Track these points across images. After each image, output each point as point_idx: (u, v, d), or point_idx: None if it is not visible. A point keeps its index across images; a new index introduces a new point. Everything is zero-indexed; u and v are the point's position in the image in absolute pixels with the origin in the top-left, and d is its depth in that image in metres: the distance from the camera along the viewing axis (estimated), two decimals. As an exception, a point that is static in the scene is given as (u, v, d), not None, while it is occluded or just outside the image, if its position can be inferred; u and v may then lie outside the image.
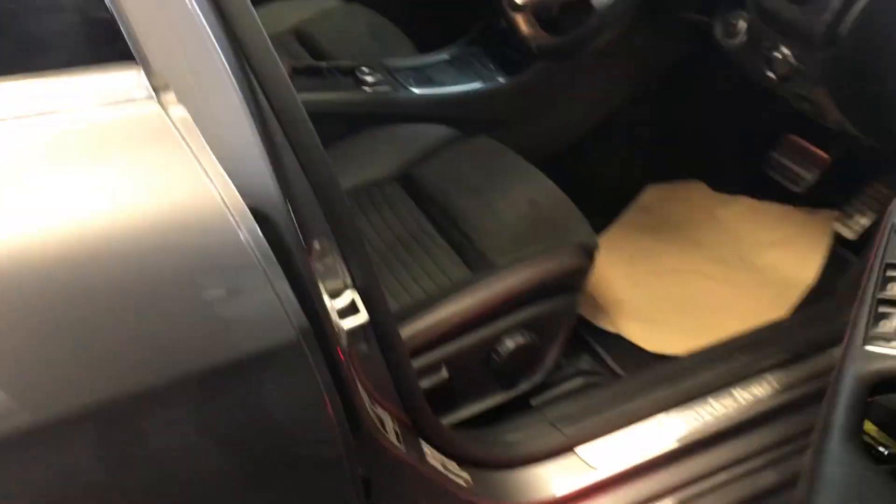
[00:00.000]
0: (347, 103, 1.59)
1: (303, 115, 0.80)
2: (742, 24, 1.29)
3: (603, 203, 1.86)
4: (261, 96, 0.76)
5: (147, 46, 0.68)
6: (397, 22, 2.03)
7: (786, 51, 1.22)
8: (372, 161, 1.55)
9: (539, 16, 1.37)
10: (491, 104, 1.72)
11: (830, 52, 1.15)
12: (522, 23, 1.33)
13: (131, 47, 0.68)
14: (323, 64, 1.67)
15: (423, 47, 1.95)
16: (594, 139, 1.83)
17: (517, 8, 1.32)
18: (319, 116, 1.53)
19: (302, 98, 1.45)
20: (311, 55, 1.88)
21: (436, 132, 1.59)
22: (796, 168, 1.67)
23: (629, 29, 1.52)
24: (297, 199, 0.80)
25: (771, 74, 1.26)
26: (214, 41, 0.72)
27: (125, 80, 0.67)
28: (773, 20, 1.21)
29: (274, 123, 0.78)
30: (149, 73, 0.67)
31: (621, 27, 1.21)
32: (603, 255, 1.44)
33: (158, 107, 0.67)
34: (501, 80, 1.73)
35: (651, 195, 1.87)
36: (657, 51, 1.67)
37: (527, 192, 1.44)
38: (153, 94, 0.67)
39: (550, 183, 1.46)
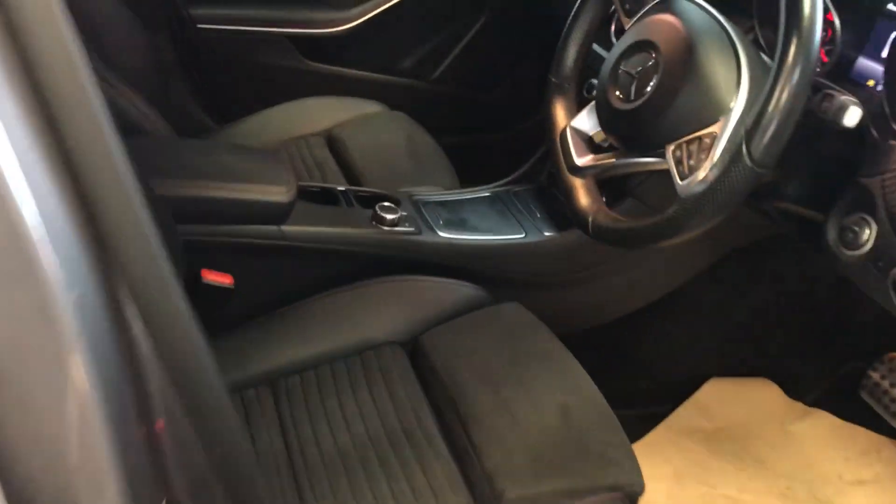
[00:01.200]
0: (361, 243, 1.31)
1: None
2: (868, 234, 0.99)
3: (651, 393, 1.54)
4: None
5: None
6: (443, 140, 1.80)
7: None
8: (377, 318, 1.26)
9: (602, 185, 1.08)
10: (532, 262, 1.43)
11: None
12: (580, 190, 1.04)
13: None
14: (339, 188, 1.41)
15: (465, 173, 1.70)
16: (649, 313, 1.52)
17: (575, 170, 1.03)
18: (321, 256, 1.29)
19: (301, 231, 1.19)
20: (338, 163, 1.65)
21: (459, 292, 1.29)
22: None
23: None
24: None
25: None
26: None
27: None
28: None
29: None
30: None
31: (714, 221, 0.91)
32: (644, 465, 1.11)
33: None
34: (548, 233, 1.44)
35: (711, 391, 1.54)
36: (744, 228, 1.38)
37: (559, 395, 1.12)
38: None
39: (591, 384, 1.14)
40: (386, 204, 1.34)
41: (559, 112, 1.08)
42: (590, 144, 1.05)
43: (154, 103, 1.60)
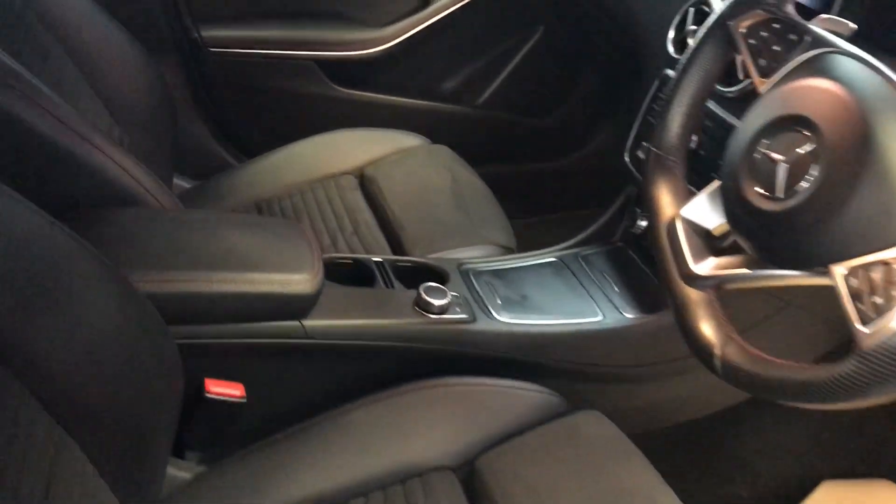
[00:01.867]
0: (402, 336, 1.06)
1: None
2: None
3: (754, 499, 1.28)
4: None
5: None
6: (490, 170, 1.55)
7: None
8: (423, 434, 1.01)
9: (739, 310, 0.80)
10: (613, 352, 1.17)
11: None
12: (699, 309, 0.76)
13: None
14: (375, 259, 1.16)
15: (514, 205, 1.45)
16: (750, 404, 1.26)
17: (692, 279, 0.76)
18: (361, 352, 1.04)
19: (326, 326, 0.94)
20: (371, 208, 1.41)
21: (525, 398, 1.04)
22: None
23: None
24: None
25: None
26: None
27: None
28: None
29: None
30: None
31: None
32: None
33: None
34: (630, 314, 1.18)
35: (825, 497, 1.28)
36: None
37: None
38: None
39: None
40: (432, 285, 1.08)
41: (664, 196, 0.81)
42: (708, 241, 0.79)
43: (162, 145, 1.37)
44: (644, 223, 1.23)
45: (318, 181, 1.49)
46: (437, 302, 1.07)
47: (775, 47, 0.74)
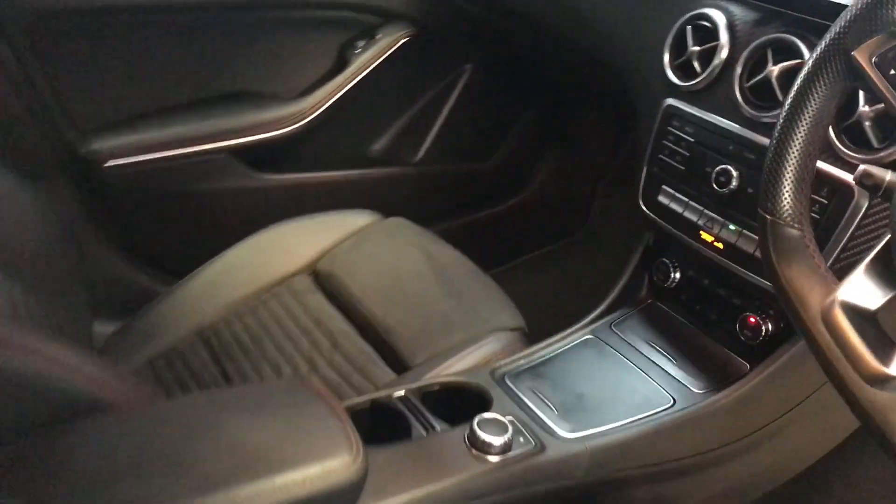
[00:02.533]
0: (469, 494, 0.83)
1: None
2: None
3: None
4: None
5: None
6: (449, 226, 1.39)
7: None
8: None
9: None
10: (698, 437, 0.98)
11: None
12: None
13: None
14: (396, 393, 0.93)
15: (484, 255, 1.30)
16: (838, 455, 1.11)
17: (882, 382, 0.58)
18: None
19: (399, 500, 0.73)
20: (342, 312, 1.19)
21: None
22: None
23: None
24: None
25: None
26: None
27: None
28: None
29: None
30: None
31: None
32: None
33: None
34: (701, 389, 0.99)
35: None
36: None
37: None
38: None
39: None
40: (486, 418, 0.86)
41: (804, 279, 0.63)
42: (874, 323, 0.61)
43: (71, 291, 1.11)
44: (678, 275, 1.07)
45: (265, 290, 1.26)
46: (497, 441, 0.85)
47: None
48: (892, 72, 0.58)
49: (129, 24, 1.34)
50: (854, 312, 0.60)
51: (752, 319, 0.98)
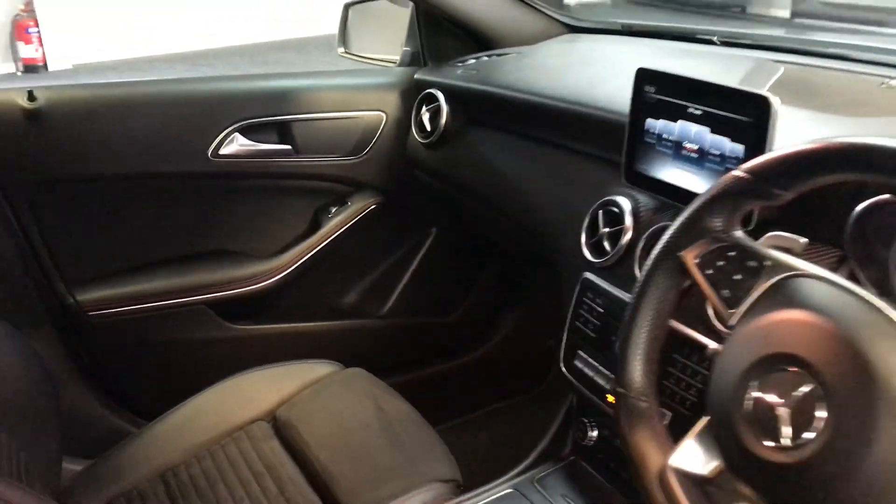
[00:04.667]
0: None
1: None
2: None
3: None
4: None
5: None
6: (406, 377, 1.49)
7: None
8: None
9: None
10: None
11: None
12: None
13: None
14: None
15: (438, 409, 1.38)
16: None
17: None
18: None
19: None
20: (295, 460, 1.28)
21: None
22: None
23: None
24: None
25: None
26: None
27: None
28: None
29: None
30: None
31: None
32: None
33: None
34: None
35: None
36: None
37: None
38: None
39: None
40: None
41: (645, 445, 0.74)
42: (705, 487, 0.72)
43: (45, 431, 1.21)
44: (595, 433, 1.17)
45: (226, 435, 1.35)
46: None
47: (736, 276, 0.71)
48: (710, 272, 0.72)
49: (117, 190, 1.51)
50: (685, 477, 0.70)
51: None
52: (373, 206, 1.68)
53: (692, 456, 0.71)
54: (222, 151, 1.51)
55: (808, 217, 0.81)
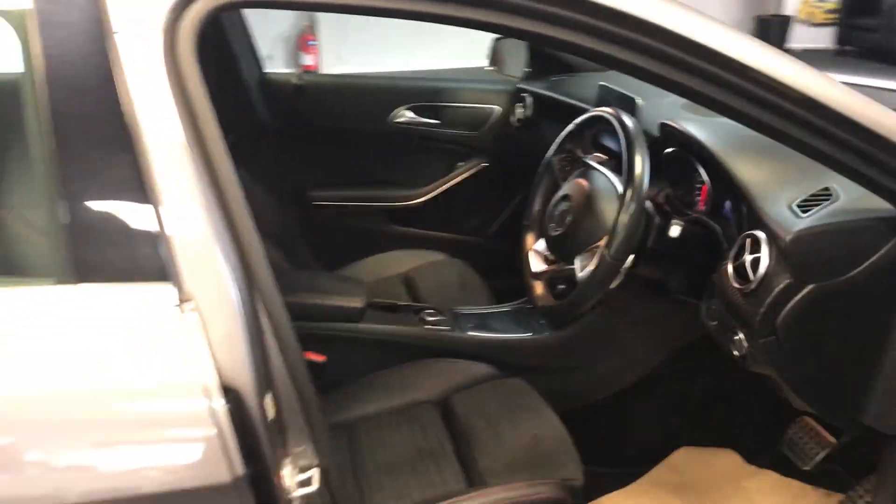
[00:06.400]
0: (407, 336, 1.94)
1: (286, 322, 1.09)
2: (718, 309, 1.52)
3: (634, 457, 2.01)
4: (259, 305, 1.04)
5: (181, 270, 0.96)
6: (493, 284, 2.39)
7: (741, 335, 1.43)
8: (421, 385, 1.84)
9: (551, 285, 1.70)
10: (536, 352, 2.00)
11: (769, 338, 1.35)
12: (537, 288, 1.66)
13: (168, 270, 0.95)
14: (399, 303, 2.05)
15: (502, 299, 2.31)
16: (636, 394, 2.03)
17: (534, 276, 1.66)
18: (384, 344, 1.90)
19: (370, 327, 1.82)
20: (411, 297, 2.27)
21: (478, 369, 1.86)
22: (805, 447, 1.77)
23: (647, 301, 1.80)
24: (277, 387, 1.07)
25: (736, 353, 1.46)
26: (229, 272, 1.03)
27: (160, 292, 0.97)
28: (729, 308, 1.43)
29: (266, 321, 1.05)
30: (179, 289, 1.00)
31: (597, 297, 1.51)
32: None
33: (179, 312, 0.97)
34: (549, 333, 2.01)
35: (682, 456, 2.00)
36: (682, 323, 1.90)
37: (534, 428, 1.66)
38: (178, 303, 0.98)
39: (558, 422, 1.67)
40: (430, 310, 1.97)
41: (528, 240, 1.72)
42: (544, 259, 1.66)
43: (286, 257, 2.33)
44: None
45: (378, 282, 2.37)
46: (431, 319, 1.96)
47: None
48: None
49: (342, 136, 2.67)
50: (537, 253, 1.67)
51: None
52: (484, 165, 2.69)
53: (541, 245, 1.67)
54: (397, 120, 2.60)
55: None
